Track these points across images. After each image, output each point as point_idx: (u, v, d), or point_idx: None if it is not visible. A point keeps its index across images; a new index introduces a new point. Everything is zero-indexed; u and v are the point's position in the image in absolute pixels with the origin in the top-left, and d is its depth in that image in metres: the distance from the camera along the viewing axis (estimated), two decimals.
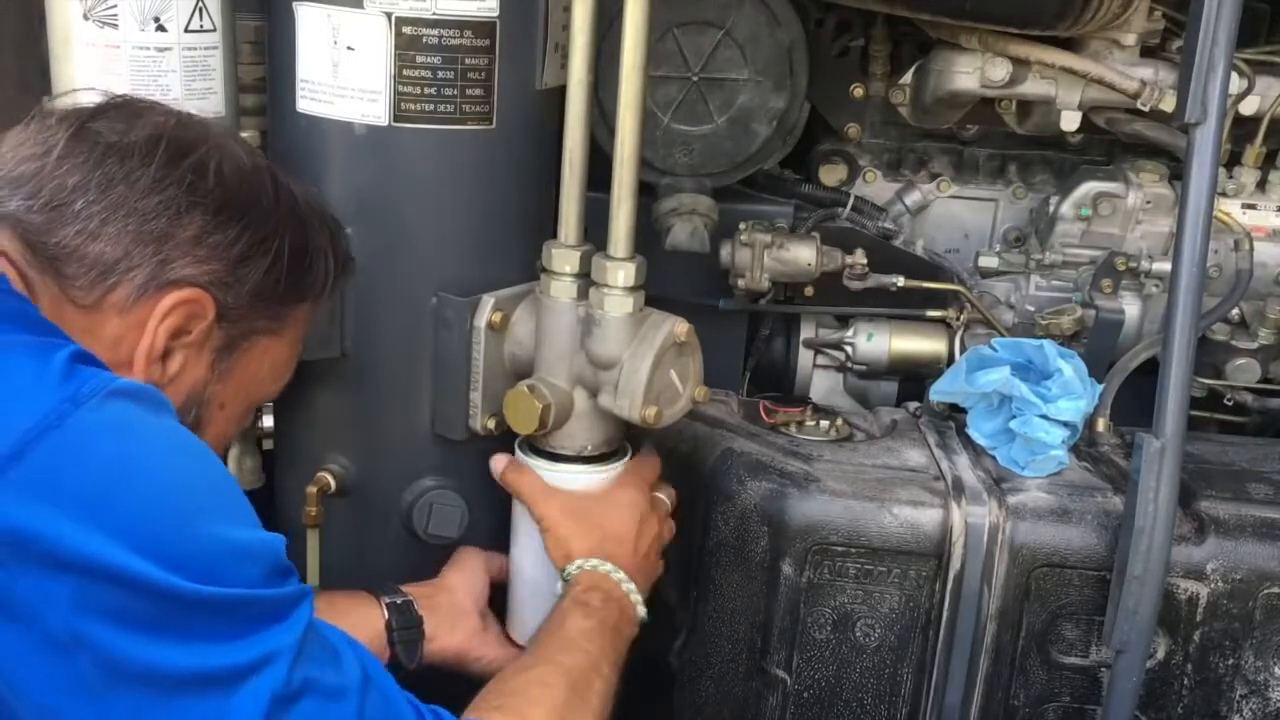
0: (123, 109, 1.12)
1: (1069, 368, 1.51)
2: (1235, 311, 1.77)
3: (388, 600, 1.40)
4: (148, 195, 1.06)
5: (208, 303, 1.09)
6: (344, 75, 1.36)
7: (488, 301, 1.43)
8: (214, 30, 1.40)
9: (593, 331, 1.39)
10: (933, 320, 1.82)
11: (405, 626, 1.39)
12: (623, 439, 1.48)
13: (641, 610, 1.37)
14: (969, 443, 1.57)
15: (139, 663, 0.87)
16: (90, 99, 1.12)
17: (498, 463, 1.44)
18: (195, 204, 1.07)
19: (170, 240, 1.06)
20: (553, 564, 1.40)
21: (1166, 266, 1.59)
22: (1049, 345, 1.54)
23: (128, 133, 1.08)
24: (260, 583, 0.93)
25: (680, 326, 1.40)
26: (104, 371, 0.94)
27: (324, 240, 1.21)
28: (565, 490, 1.41)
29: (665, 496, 1.47)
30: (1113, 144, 1.89)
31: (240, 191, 1.11)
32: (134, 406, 0.93)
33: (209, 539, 0.91)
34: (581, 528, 1.39)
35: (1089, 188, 1.80)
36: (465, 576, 1.46)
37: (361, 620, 1.36)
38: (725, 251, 1.74)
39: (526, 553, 1.47)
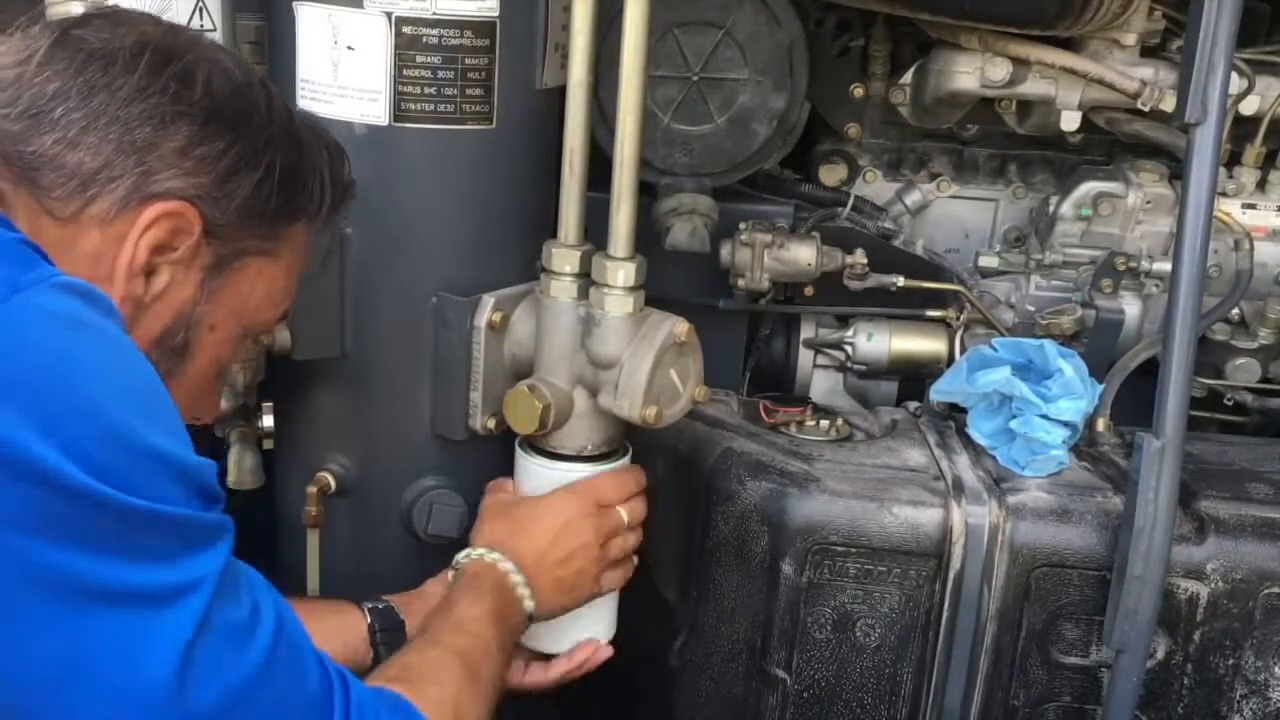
0: (109, 17, 1.07)
1: (1069, 367, 1.51)
2: (1235, 311, 1.77)
3: (369, 605, 1.39)
4: (130, 103, 1.01)
5: (193, 217, 1.04)
6: (344, 75, 1.36)
7: (488, 301, 1.43)
8: (214, 30, 1.40)
9: (593, 331, 1.39)
10: (933, 320, 1.82)
11: (387, 628, 1.38)
12: (623, 439, 1.48)
13: (529, 605, 1.32)
14: (969, 443, 1.57)
15: (55, 570, 0.83)
16: (78, 8, 1.09)
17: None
18: (181, 114, 1.03)
19: (154, 151, 1.02)
20: None
21: (1166, 266, 1.59)
22: (1049, 345, 1.54)
23: (112, 40, 1.03)
24: (191, 504, 0.90)
25: (680, 326, 1.40)
26: (51, 265, 0.89)
27: (320, 160, 1.16)
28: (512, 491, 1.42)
29: (627, 511, 1.42)
30: (1113, 144, 1.89)
31: (230, 103, 1.06)
32: (81, 304, 0.89)
33: (146, 451, 0.87)
34: (494, 523, 1.38)
35: (1089, 188, 1.80)
36: (444, 586, 1.42)
37: (344, 623, 1.36)
38: (725, 251, 1.74)
39: None
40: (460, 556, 1.35)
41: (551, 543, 1.36)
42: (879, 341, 1.83)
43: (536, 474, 1.45)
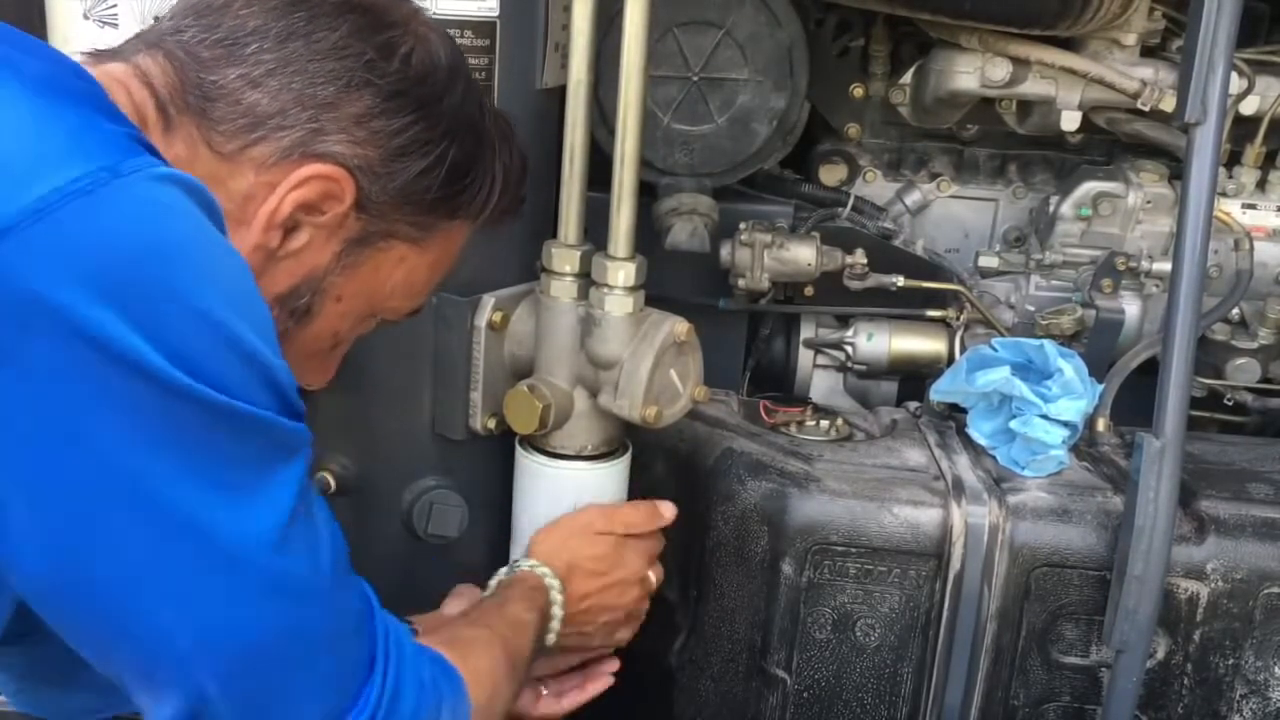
0: None
1: (1069, 367, 1.51)
2: (1235, 311, 1.77)
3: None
4: (324, 59, 0.98)
5: (348, 186, 1.01)
6: None
7: (488, 301, 1.43)
8: None
9: (593, 331, 1.39)
10: (933, 320, 1.82)
11: None
12: (623, 438, 1.49)
13: (551, 639, 1.34)
14: (969, 442, 1.57)
15: (146, 470, 0.82)
16: None
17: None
18: (369, 82, 1.00)
19: (331, 111, 0.99)
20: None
21: (1166, 266, 1.59)
22: (1049, 345, 1.54)
23: None
24: (281, 411, 0.88)
25: (680, 326, 1.40)
26: (158, 158, 0.85)
27: (496, 165, 1.11)
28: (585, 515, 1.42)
29: (655, 576, 1.45)
30: (1113, 144, 1.89)
31: (422, 84, 1.03)
32: (184, 197, 0.85)
33: (240, 350, 0.85)
34: (576, 544, 1.38)
35: (1089, 188, 1.80)
36: (462, 605, 1.42)
37: None
38: (725, 251, 1.74)
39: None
40: (527, 562, 1.35)
41: (600, 591, 1.38)
42: (879, 341, 1.83)
43: (537, 473, 1.45)
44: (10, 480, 0.82)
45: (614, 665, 1.46)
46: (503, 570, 1.37)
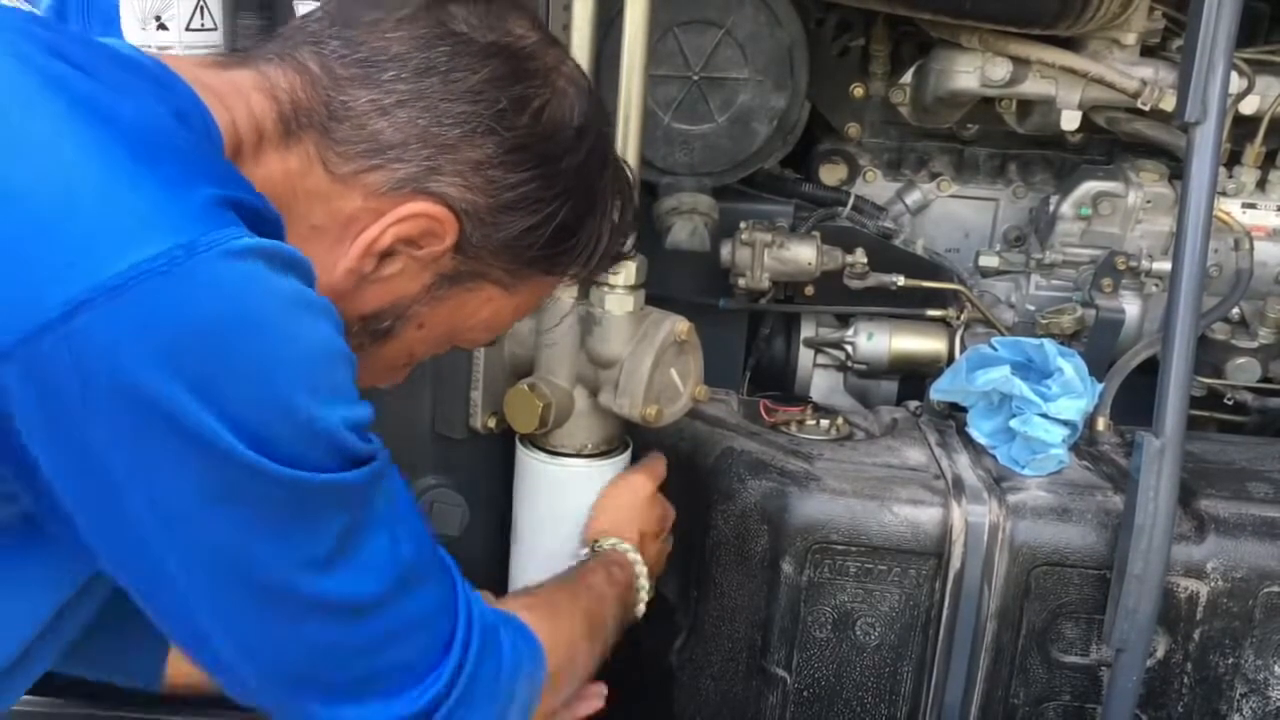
0: (493, 7, 1.02)
1: (1069, 367, 1.51)
2: (1235, 311, 1.77)
3: None
4: (456, 100, 0.98)
5: (451, 228, 1.00)
6: None
7: None
8: (215, 29, 1.40)
9: (593, 330, 1.39)
10: (933, 319, 1.82)
11: None
12: (624, 436, 1.49)
13: (640, 610, 1.40)
14: (969, 442, 1.57)
15: (225, 539, 0.86)
16: None
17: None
18: (495, 131, 0.99)
19: (452, 153, 0.98)
20: (579, 539, 1.44)
21: (1166, 266, 1.59)
22: (1049, 344, 1.54)
23: (477, 30, 0.99)
24: (342, 468, 0.90)
25: (680, 325, 1.40)
26: (239, 227, 0.85)
27: (602, 229, 1.10)
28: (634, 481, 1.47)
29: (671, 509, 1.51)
30: (1113, 144, 1.89)
31: (547, 142, 1.02)
32: (262, 268, 0.84)
33: (312, 431, 0.87)
34: (627, 517, 1.43)
35: (1089, 187, 1.80)
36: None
37: None
38: (725, 251, 1.74)
39: (535, 544, 1.47)
40: (608, 541, 1.40)
41: (663, 549, 1.48)
42: (879, 341, 1.83)
43: (538, 471, 1.45)
44: (80, 518, 0.86)
45: (602, 689, 1.47)
46: (582, 552, 1.41)
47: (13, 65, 0.87)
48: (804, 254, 1.74)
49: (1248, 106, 1.70)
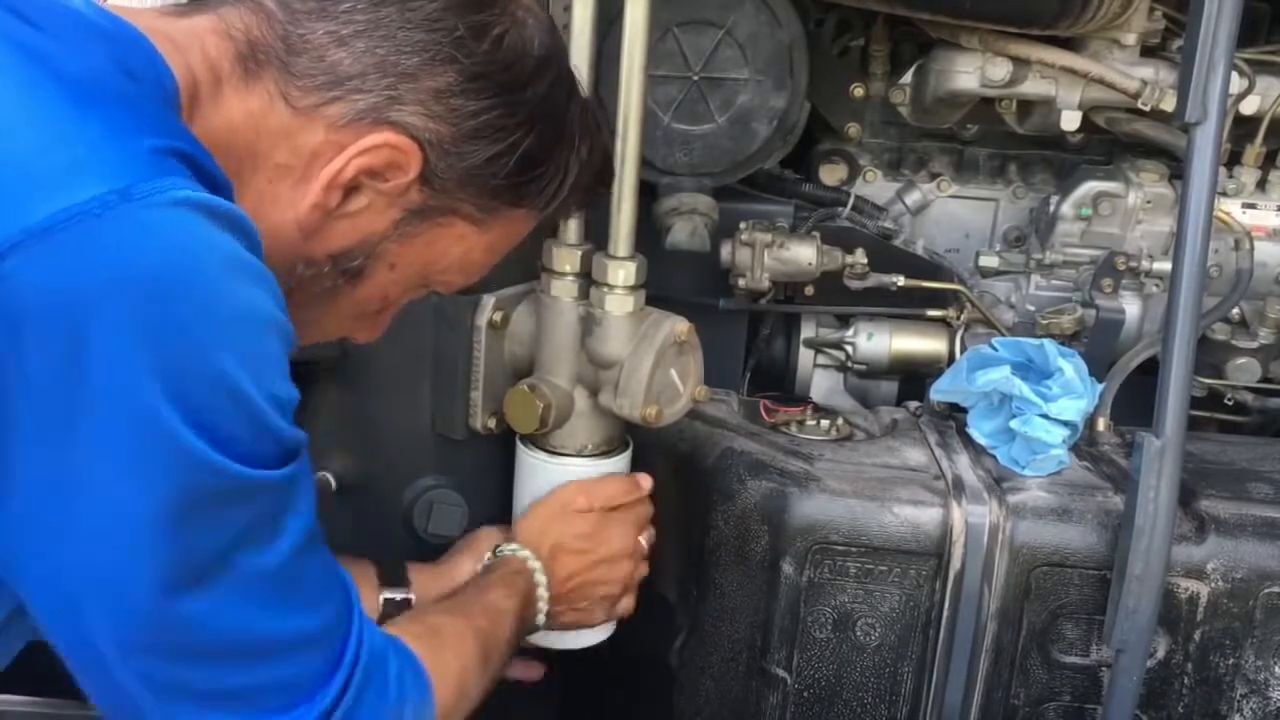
0: None
1: (1069, 367, 1.51)
2: (1235, 311, 1.77)
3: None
4: (414, 28, 0.98)
5: (414, 158, 1.00)
6: None
7: (488, 300, 1.43)
8: None
9: (593, 330, 1.39)
10: (933, 320, 1.82)
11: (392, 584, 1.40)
12: (624, 436, 1.49)
13: (540, 620, 1.37)
14: (969, 442, 1.57)
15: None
16: None
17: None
18: (455, 59, 0.99)
19: (411, 81, 0.98)
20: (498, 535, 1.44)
21: (1167, 266, 1.59)
22: (1049, 344, 1.54)
23: None
24: (256, 457, 0.87)
25: (680, 325, 1.40)
26: (181, 178, 0.84)
27: (571, 160, 1.10)
28: (564, 493, 1.43)
29: (646, 541, 1.48)
30: (1113, 144, 1.89)
31: (507, 70, 1.02)
32: (202, 221, 0.83)
33: (227, 393, 0.84)
34: (551, 526, 1.40)
35: (1089, 187, 1.80)
36: (471, 560, 1.45)
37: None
38: (725, 251, 1.74)
39: None
40: (509, 547, 1.38)
41: (588, 568, 1.41)
42: (879, 341, 1.83)
43: (538, 471, 1.45)
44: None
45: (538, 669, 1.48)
46: (487, 555, 1.39)
47: None
48: (804, 254, 1.74)
49: (1248, 106, 1.70)
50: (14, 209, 0.78)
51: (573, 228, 1.40)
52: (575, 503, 1.42)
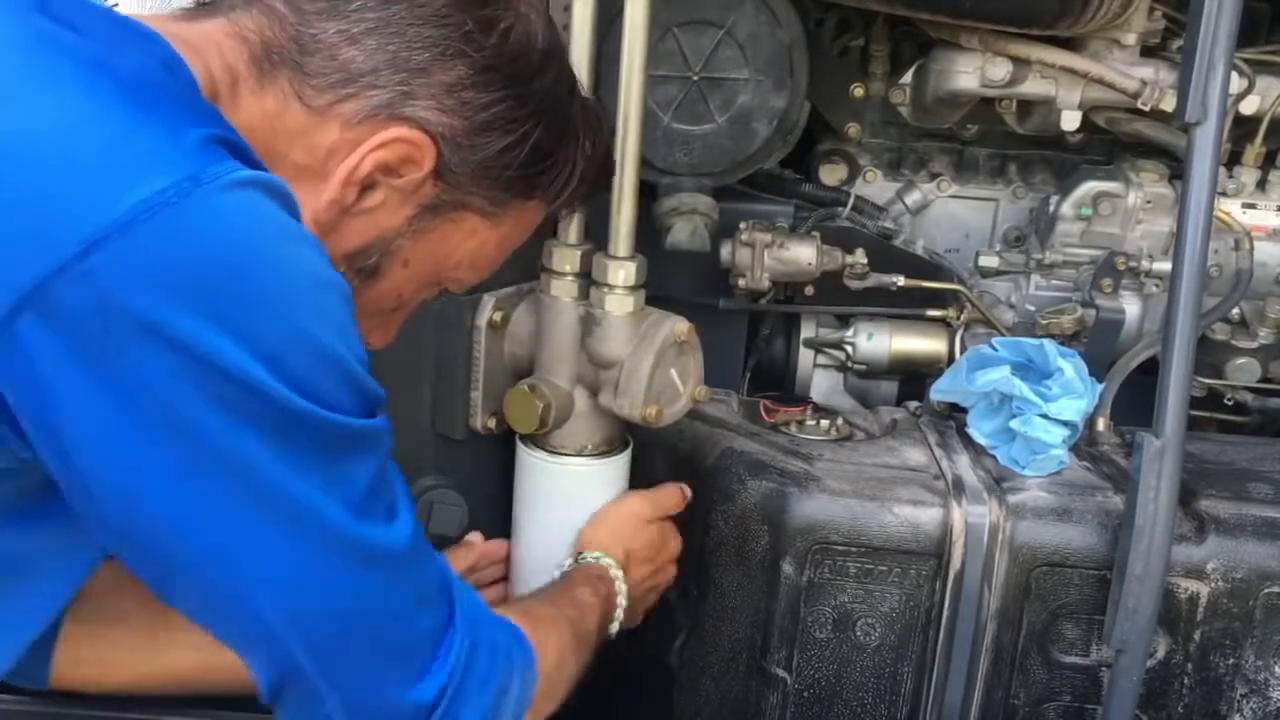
0: None
1: (1069, 367, 1.51)
2: (1235, 311, 1.77)
3: None
4: (423, 24, 0.99)
5: (428, 152, 1.02)
6: None
7: (488, 300, 1.43)
8: None
9: (593, 330, 1.39)
10: (933, 320, 1.82)
11: None
12: (624, 436, 1.49)
13: (615, 628, 1.41)
14: (969, 442, 1.57)
15: (237, 452, 0.86)
16: None
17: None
18: (465, 53, 1.01)
19: (424, 77, 1.00)
20: (570, 545, 1.45)
21: (1166, 266, 1.59)
22: (1049, 344, 1.54)
23: None
24: (354, 406, 0.91)
25: (680, 325, 1.40)
26: (235, 161, 0.87)
27: (578, 152, 1.12)
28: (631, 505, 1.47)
29: (676, 543, 1.52)
30: (1113, 144, 1.89)
31: (515, 62, 1.04)
32: (263, 199, 0.87)
33: (326, 358, 0.88)
34: (627, 534, 1.44)
35: (1089, 187, 1.80)
36: (470, 555, 1.48)
37: None
38: (725, 251, 1.74)
39: (535, 543, 1.48)
40: (591, 554, 1.42)
41: (653, 575, 1.47)
42: (879, 341, 1.83)
43: (539, 470, 1.45)
44: (105, 469, 0.86)
45: None
46: (566, 562, 1.42)
47: (3, 21, 0.89)
48: (804, 254, 1.74)
49: (1248, 106, 1.70)
50: (93, 206, 0.81)
51: (573, 228, 1.40)
52: (643, 513, 1.46)
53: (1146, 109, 1.67)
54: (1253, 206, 1.79)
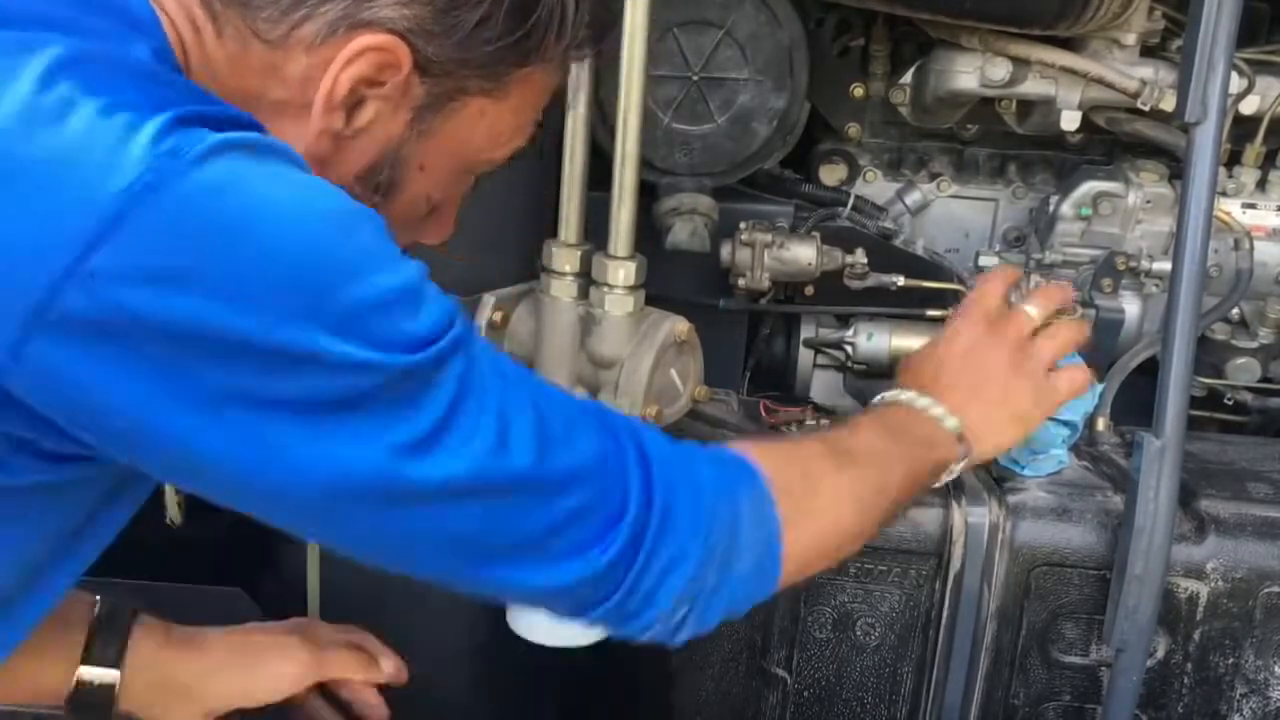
0: None
1: None
2: (1235, 311, 1.77)
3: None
4: None
5: (402, 53, 0.95)
6: None
7: (488, 300, 1.43)
8: None
9: (593, 330, 1.39)
10: (933, 320, 1.82)
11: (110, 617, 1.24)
12: None
13: (950, 422, 1.30)
14: None
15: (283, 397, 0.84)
16: None
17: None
18: None
19: None
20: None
21: (1166, 266, 1.59)
22: None
23: None
24: (407, 343, 0.86)
25: (680, 325, 1.40)
26: (208, 130, 0.83)
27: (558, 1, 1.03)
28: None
29: (1033, 308, 1.42)
30: (1113, 144, 1.89)
31: None
32: (245, 158, 0.83)
33: (354, 297, 0.84)
34: (906, 376, 1.38)
35: (1089, 187, 1.80)
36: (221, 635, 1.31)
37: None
38: (725, 251, 1.74)
39: None
40: (887, 395, 1.35)
41: (960, 370, 1.35)
42: (879, 341, 1.82)
43: None
44: (169, 450, 0.85)
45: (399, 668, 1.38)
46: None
47: None
48: (804, 254, 1.74)
49: (1248, 106, 1.70)
50: (76, 206, 0.79)
51: (572, 228, 1.40)
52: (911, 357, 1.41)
53: (1146, 109, 1.66)
54: (1253, 206, 1.79)
